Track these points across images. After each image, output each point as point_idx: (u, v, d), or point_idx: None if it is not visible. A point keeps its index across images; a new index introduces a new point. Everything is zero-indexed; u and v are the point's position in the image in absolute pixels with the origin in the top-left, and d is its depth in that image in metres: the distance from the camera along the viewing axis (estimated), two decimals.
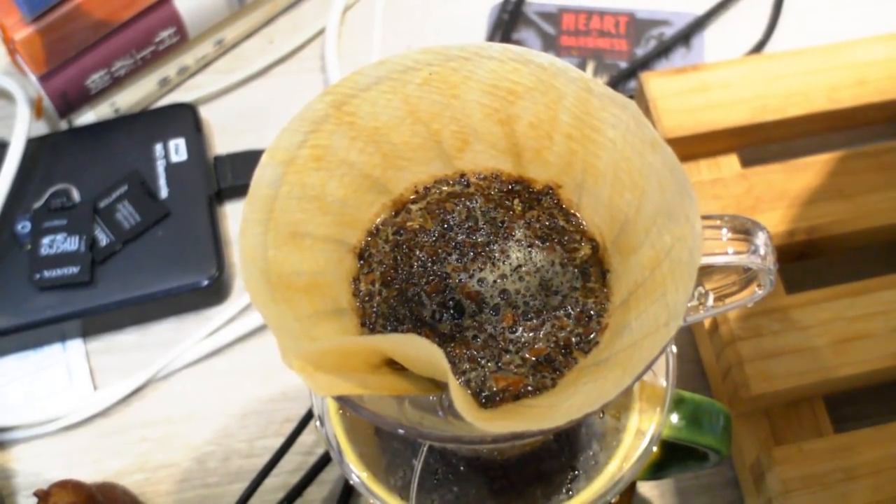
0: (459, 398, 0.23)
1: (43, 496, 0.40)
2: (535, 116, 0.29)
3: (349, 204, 0.29)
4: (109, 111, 0.55)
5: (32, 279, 0.48)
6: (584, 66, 0.58)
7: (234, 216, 0.53)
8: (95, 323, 0.49)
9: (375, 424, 0.26)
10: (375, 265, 0.29)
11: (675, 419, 0.35)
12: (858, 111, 0.50)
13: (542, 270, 0.29)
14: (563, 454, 0.34)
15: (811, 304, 0.44)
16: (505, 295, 0.28)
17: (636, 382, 0.24)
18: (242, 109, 0.57)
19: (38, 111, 0.54)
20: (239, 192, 0.53)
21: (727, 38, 0.59)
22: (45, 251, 0.49)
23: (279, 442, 0.46)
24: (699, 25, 0.59)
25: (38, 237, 0.49)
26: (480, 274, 0.29)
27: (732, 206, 0.47)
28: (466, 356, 0.27)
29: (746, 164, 0.50)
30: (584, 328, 0.28)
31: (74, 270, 0.48)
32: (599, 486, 0.33)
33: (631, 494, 0.42)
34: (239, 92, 0.58)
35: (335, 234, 0.29)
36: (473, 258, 0.29)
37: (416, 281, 0.29)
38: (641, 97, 0.51)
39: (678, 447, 0.36)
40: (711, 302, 0.30)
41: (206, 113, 0.56)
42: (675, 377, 0.33)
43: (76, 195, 0.51)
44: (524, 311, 0.28)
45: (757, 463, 0.41)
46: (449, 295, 0.28)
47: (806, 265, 0.49)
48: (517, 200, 0.30)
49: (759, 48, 0.58)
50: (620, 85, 0.56)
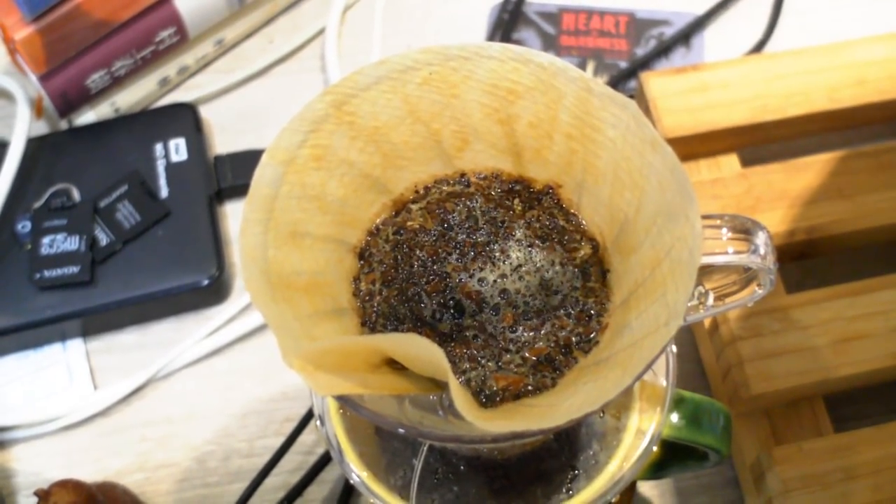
0: (460, 397, 0.23)
1: (43, 495, 0.40)
2: (535, 116, 0.29)
3: (349, 203, 0.29)
4: (109, 111, 0.55)
5: (33, 279, 0.48)
6: (584, 65, 0.58)
7: (234, 216, 0.53)
8: (95, 322, 0.49)
9: (376, 424, 0.26)
10: (376, 265, 0.29)
11: (675, 419, 0.35)
12: (858, 111, 0.50)
13: (542, 270, 0.29)
14: (563, 454, 0.34)
15: (811, 303, 0.44)
16: (505, 294, 0.28)
17: (636, 382, 0.24)
18: (242, 109, 0.57)
19: (38, 111, 0.54)
20: (239, 191, 0.53)
21: (727, 37, 0.59)
22: (45, 251, 0.49)
23: (279, 441, 0.46)
24: (699, 25, 0.59)
25: (38, 237, 0.49)
26: (481, 273, 0.29)
27: (732, 205, 0.47)
28: (467, 355, 0.27)
29: (746, 163, 0.50)
30: (584, 328, 0.28)
31: (75, 270, 0.48)
32: (600, 485, 0.33)
33: (631, 494, 0.42)
34: (239, 92, 0.58)
35: (335, 233, 0.29)
36: (474, 258, 0.29)
37: (416, 280, 0.29)
38: (641, 97, 0.51)
39: (678, 447, 0.36)
40: (711, 301, 0.30)
41: (206, 113, 0.56)
42: (675, 377, 0.33)
43: (76, 195, 0.51)
44: (524, 310, 0.28)
45: (757, 463, 0.41)
46: (449, 294, 0.28)
47: (806, 265, 0.49)
48: (517, 200, 0.30)
49: (759, 48, 0.58)
50: (620, 85, 0.56)
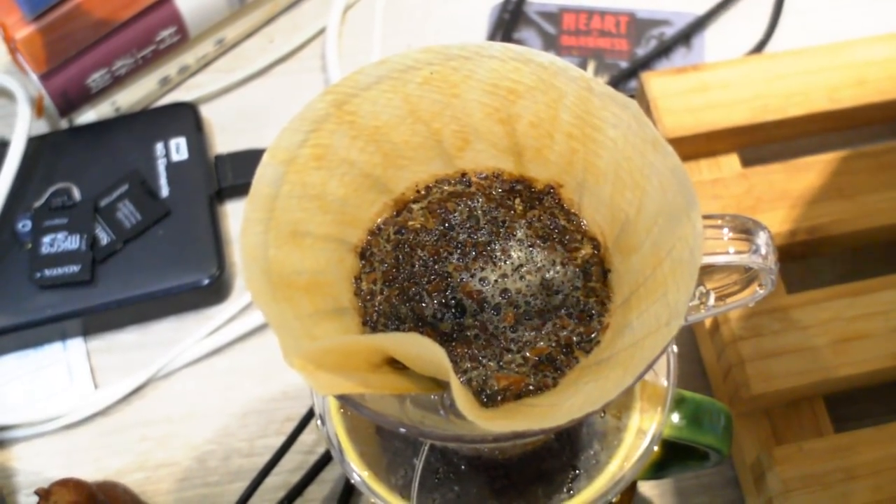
0: (461, 397, 0.23)
1: (44, 495, 0.40)
2: (535, 115, 0.29)
3: (350, 203, 0.29)
4: (110, 110, 0.55)
5: (33, 278, 0.48)
6: (584, 65, 0.58)
7: (234, 215, 0.53)
8: (96, 322, 0.49)
9: (377, 423, 0.26)
10: (377, 264, 0.29)
11: (675, 419, 0.35)
12: (858, 111, 0.50)
13: (543, 270, 0.29)
14: (564, 453, 0.34)
15: (811, 303, 0.44)
16: (506, 294, 0.28)
17: (637, 382, 0.24)
18: (243, 109, 0.57)
19: (38, 110, 0.54)
20: (239, 191, 0.53)
21: (728, 37, 0.59)
22: (45, 250, 0.49)
23: (280, 441, 0.46)
24: (700, 25, 0.59)
25: (38, 236, 0.49)
26: (482, 273, 0.29)
27: (733, 205, 0.47)
28: (468, 355, 0.27)
29: (747, 163, 0.50)
30: (585, 327, 0.28)
31: (75, 269, 0.48)
32: (600, 485, 0.33)
33: (632, 494, 0.42)
34: (239, 91, 0.58)
35: (336, 233, 0.29)
36: (475, 257, 0.29)
37: (417, 280, 0.29)
38: (642, 97, 0.51)
39: (679, 447, 0.36)
40: (712, 301, 0.30)
41: (206, 112, 0.56)
42: (676, 377, 0.33)
43: (77, 194, 0.51)
44: (525, 310, 0.28)
45: (757, 462, 0.41)
46: (450, 294, 0.28)
47: (806, 265, 0.49)
48: (518, 200, 0.30)
49: (759, 48, 0.58)
50: (621, 85, 0.56)
